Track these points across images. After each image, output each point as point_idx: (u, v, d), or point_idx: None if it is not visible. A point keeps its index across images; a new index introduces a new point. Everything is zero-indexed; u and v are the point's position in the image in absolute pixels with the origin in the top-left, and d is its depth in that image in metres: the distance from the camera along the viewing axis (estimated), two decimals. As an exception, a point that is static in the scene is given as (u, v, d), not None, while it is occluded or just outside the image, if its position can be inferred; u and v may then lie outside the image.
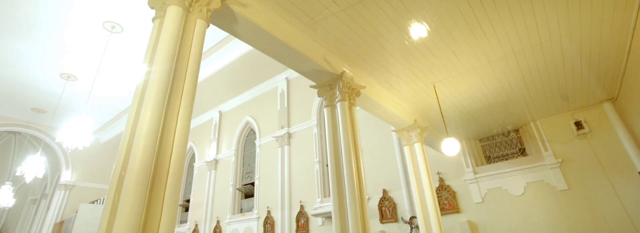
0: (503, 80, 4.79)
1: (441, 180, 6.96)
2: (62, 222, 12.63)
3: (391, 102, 4.95)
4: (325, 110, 3.88)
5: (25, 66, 10.02)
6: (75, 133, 6.79)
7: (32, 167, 8.70)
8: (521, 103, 5.65)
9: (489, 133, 7.13)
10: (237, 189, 10.28)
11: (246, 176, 10.59)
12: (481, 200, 6.41)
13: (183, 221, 11.82)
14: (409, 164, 5.23)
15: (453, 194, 6.74)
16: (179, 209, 12.21)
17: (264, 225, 8.78)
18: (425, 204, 4.93)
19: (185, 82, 2.19)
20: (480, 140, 7.35)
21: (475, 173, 6.68)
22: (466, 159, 6.88)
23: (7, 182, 11.53)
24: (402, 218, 6.90)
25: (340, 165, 3.30)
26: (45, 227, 12.92)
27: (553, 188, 5.91)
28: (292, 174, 8.96)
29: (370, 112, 4.94)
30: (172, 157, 1.92)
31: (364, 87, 4.14)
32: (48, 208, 13.63)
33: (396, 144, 7.43)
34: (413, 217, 6.64)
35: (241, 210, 10.01)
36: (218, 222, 10.09)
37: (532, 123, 6.63)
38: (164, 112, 1.99)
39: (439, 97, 5.03)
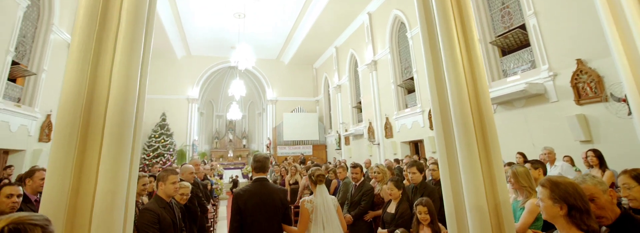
0: None
1: (691, 29, 4.33)
2: (276, 127, 16.69)
3: None
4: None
5: (208, 12, 12.15)
6: (243, 57, 8.19)
7: (236, 88, 11.38)
8: None
9: None
10: (398, 85, 10.08)
11: (405, 71, 10.11)
12: None
13: (359, 120, 13.04)
14: (602, 12, 3.36)
15: None
16: (354, 110, 13.42)
17: (429, 118, 8.46)
18: None
19: None
20: None
21: None
22: None
23: (233, 102, 15.74)
24: (612, 95, 5.00)
25: (431, 20, 2.33)
26: (268, 131, 17.52)
27: None
28: (452, 61, 7.81)
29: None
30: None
31: None
32: (266, 118, 18.13)
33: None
34: (630, 92, 4.67)
35: (406, 106, 9.93)
36: (387, 118, 10.51)
37: None
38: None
39: None
